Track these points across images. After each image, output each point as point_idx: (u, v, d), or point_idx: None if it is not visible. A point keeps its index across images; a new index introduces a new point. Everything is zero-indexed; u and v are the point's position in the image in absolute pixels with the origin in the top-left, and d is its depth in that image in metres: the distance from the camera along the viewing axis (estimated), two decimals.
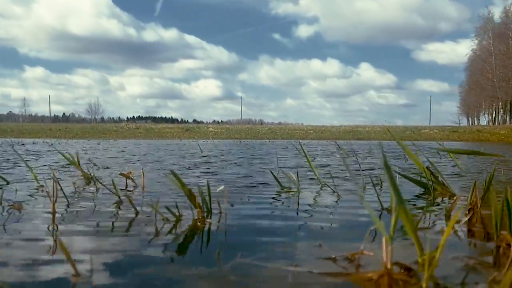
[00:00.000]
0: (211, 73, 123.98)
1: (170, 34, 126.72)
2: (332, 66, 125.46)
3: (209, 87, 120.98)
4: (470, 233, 1.14)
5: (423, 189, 1.86)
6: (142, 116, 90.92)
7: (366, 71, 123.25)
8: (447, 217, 1.31)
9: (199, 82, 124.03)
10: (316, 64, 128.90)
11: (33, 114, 69.82)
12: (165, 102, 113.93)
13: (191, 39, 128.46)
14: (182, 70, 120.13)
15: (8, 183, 2.05)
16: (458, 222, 1.13)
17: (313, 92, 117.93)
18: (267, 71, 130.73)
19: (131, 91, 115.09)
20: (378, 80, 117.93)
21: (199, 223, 1.21)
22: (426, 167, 1.79)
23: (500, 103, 38.54)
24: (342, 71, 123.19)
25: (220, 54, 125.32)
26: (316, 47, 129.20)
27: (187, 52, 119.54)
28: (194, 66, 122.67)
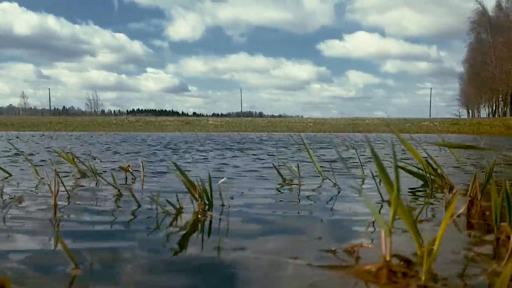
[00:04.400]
0: (133, 66, 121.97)
1: (56, 23, 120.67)
2: (249, 58, 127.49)
3: (153, 79, 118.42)
4: (470, 225, 1.14)
5: (422, 182, 1.86)
6: (141, 109, 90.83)
7: (289, 64, 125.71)
8: (447, 209, 1.31)
9: (141, 76, 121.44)
10: (239, 57, 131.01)
11: (32, 107, 69.68)
12: (124, 94, 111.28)
13: (88, 28, 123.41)
14: (106, 62, 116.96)
15: (10, 175, 2.05)
16: (457, 214, 1.13)
17: (260, 85, 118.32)
18: (194, 64, 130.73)
19: (75, 83, 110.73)
20: (306, 72, 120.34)
21: (199, 216, 1.21)
22: (425, 160, 1.79)
23: (501, 95, 38.50)
24: (269, 63, 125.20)
25: (130, 45, 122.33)
26: (221, 41, 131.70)
27: (99, 41, 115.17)
28: (116, 59, 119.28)
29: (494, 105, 41.86)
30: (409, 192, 1.68)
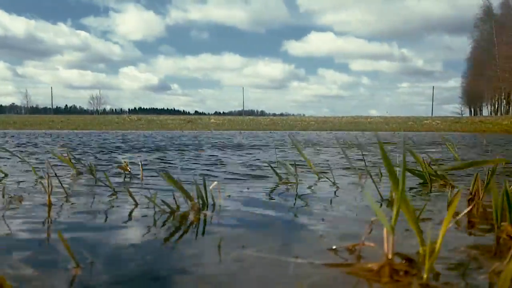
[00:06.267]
0: (104, 65, 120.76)
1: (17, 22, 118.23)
2: (216, 57, 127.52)
3: (130, 78, 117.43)
4: (471, 224, 1.14)
5: (424, 181, 1.86)
6: (143, 108, 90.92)
7: (259, 63, 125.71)
8: (449, 208, 1.30)
9: (118, 75, 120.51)
10: (206, 56, 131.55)
11: (34, 106, 69.69)
12: (108, 93, 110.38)
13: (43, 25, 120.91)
14: (75, 60, 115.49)
15: (6, 175, 2.04)
16: (459, 213, 1.13)
17: (240, 83, 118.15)
18: (165, 63, 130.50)
19: (53, 82, 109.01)
20: (277, 71, 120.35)
21: (195, 215, 1.21)
22: (425, 162, 1.79)
23: (503, 94, 38.44)
24: (239, 62, 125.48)
25: (95, 43, 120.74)
26: (183, 40, 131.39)
27: (62, 39, 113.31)
28: (84, 57, 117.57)
29: (497, 103, 41.79)
30: (409, 190, 1.67)
